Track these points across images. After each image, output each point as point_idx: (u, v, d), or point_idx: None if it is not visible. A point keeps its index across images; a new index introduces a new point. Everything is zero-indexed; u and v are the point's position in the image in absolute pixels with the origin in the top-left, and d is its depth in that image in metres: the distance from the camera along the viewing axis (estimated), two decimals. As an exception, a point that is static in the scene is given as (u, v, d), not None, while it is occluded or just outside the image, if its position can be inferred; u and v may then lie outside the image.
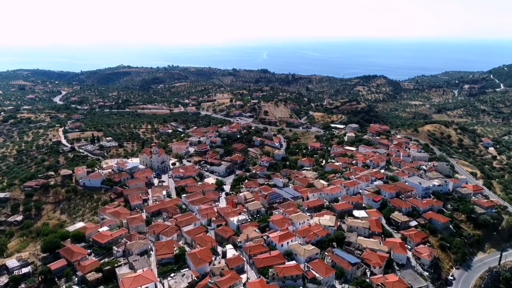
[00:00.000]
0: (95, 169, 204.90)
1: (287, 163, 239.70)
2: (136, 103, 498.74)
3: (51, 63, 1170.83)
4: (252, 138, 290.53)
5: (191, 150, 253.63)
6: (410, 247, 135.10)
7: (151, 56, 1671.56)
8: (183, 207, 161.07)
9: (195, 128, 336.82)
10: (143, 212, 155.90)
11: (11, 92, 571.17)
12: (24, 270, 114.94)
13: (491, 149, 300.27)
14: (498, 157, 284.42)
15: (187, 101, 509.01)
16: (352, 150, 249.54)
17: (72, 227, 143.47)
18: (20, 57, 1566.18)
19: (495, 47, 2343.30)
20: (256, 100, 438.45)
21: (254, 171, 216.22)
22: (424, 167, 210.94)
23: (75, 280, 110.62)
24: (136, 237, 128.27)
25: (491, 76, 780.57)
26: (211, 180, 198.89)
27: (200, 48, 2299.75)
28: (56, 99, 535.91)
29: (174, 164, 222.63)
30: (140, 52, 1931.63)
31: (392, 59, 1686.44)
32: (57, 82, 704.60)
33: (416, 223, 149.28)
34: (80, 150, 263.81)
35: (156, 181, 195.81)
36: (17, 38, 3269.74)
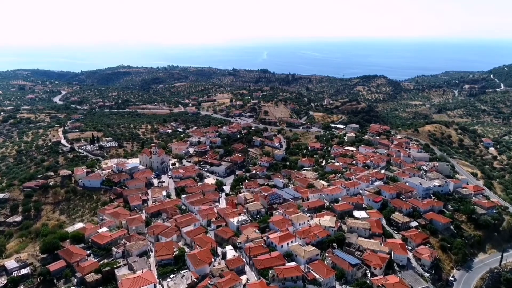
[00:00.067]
0: (95, 169, 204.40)
1: (287, 164, 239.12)
2: (136, 103, 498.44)
3: (51, 63, 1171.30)
4: (252, 138, 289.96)
5: (191, 150, 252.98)
6: (410, 248, 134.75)
7: (151, 56, 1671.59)
8: (182, 207, 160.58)
9: (195, 128, 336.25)
10: (143, 212, 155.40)
11: (11, 92, 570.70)
12: (23, 271, 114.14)
13: (492, 149, 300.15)
14: (498, 157, 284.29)
15: (187, 101, 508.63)
16: (352, 151, 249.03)
17: (71, 228, 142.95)
18: (20, 57, 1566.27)
19: (495, 47, 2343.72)
20: (256, 100, 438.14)
21: (254, 172, 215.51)
22: (424, 168, 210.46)
23: (74, 281, 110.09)
24: (135, 238, 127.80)
25: (491, 76, 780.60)
26: (211, 180, 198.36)
27: (200, 48, 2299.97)
28: (56, 99, 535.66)
29: (174, 164, 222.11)
30: (140, 52, 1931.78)
31: (392, 59, 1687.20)
32: (57, 82, 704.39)
33: (417, 224, 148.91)
34: (80, 151, 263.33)
35: (155, 181, 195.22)
36: (17, 38, 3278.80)
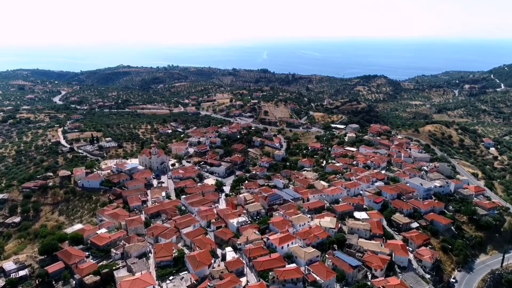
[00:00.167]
0: (94, 170, 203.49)
1: (287, 164, 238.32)
2: (136, 103, 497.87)
3: (51, 63, 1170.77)
4: (252, 138, 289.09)
5: (191, 150, 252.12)
6: (411, 249, 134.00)
7: (151, 56, 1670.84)
8: (182, 208, 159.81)
9: (194, 128, 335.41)
10: (142, 213, 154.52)
11: (11, 92, 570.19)
12: (21, 273, 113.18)
13: (492, 149, 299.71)
14: (499, 157, 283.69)
15: (187, 101, 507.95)
16: (352, 151, 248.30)
17: (70, 229, 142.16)
18: (20, 57, 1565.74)
19: (495, 47, 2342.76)
20: (256, 100, 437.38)
21: (254, 172, 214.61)
22: (425, 168, 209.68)
23: (73, 283, 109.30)
24: (134, 239, 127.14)
25: (492, 76, 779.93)
26: (210, 181, 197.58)
27: (200, 48, 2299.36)
28: (56, 99, 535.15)
29: (173, 165, 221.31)
30: (140, 52, 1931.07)
31: (392, 59, 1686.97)
32: (56, 82, 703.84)
33: (418, 225, 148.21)
34: (79, 151, 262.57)
35: (155, 182, 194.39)
36: (17, 38, 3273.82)
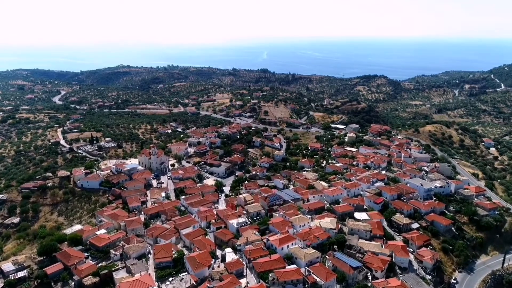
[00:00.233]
0: (93, 170, 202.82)
1: (287, 164, 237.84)
2: (136, 103, 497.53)
3: (51, 63, 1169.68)
4: (252, 138, 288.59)
5: (191, 151, 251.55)
6: (412, 250, 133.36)
7: (151, 56, 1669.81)
8: (182, 209, 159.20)
9: (194, 128, 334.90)
10: (142, 214, 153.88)
11: (10, 92, 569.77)
12: (20, 274, 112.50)
13: (493, 149, 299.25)
14: (499, 157, 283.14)
15: (186, 101, 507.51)
16: (352, 151, 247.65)
17: (69, 230, 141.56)
18: (20, 57, 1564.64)
19: (495, 47, 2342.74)
20: (256, 100, 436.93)
21: (254, 172, 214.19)
22: (425, 168, 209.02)
23: (72, 284, 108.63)
24: (134, 240, 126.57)
25: (492, 76, 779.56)
26: (210, 181, 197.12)
27: (200, 48, 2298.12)
28: (56, 99, 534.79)
29: (173, 165, 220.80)
30: (140, 52, 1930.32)
31: (392, 59, 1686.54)
32: (56, 82, 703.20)
33: (418, 226, 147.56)
34: (79, 151, 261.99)
35: (154, 182, 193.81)
36: (17, 38, 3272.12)
